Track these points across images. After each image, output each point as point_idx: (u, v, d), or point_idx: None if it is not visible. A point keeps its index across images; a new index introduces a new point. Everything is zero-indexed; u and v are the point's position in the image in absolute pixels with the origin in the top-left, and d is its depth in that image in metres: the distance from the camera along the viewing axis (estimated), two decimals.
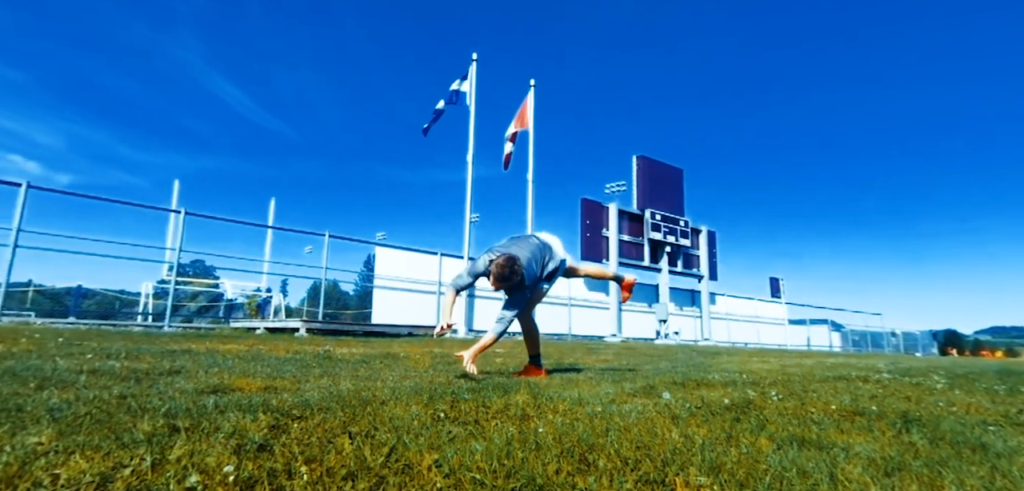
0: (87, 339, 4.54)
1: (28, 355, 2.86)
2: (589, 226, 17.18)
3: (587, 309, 16.58)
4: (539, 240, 3.44)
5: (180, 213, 9.64)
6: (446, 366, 4.09)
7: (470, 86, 14.80)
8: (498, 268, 3.08)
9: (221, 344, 4.99)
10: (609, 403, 2.39)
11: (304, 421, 1.57)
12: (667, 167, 20.00)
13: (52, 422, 1.22)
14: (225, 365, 3.15)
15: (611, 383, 3.24)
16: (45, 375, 2.12)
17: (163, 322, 9.68)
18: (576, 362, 5.04)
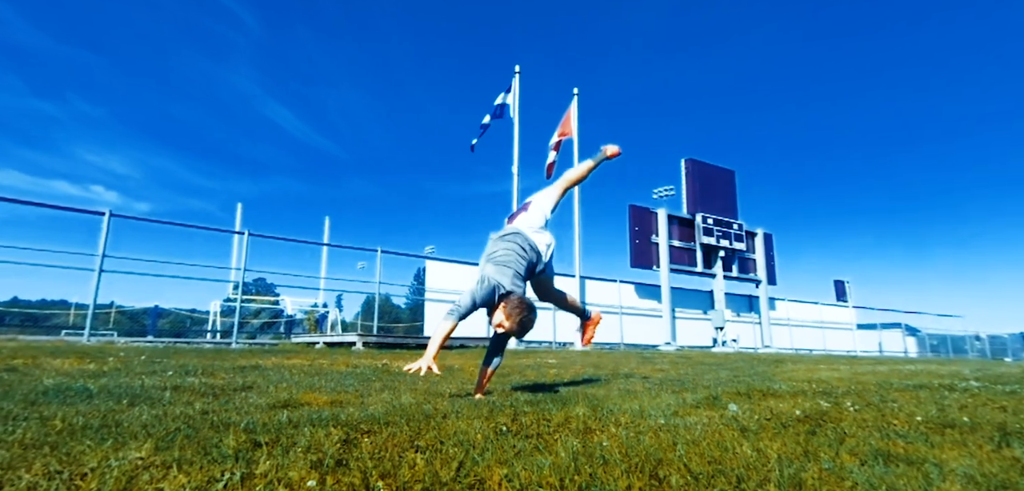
0: (166, 356, 4.84)
1: (117, 373, 3.08)
2: (637, 233, 16.87)
3: (639, 317, 16.25)
4: (527, 242, 2.90)
5: (243, 234, 10.16)
6: (500, 378, 4.11)
7: (514, 98, 14.91)
8: (519, 315, 2.66)
9: (285, 359, 5.21)
10: (672, 415, 2.33)
11: (373, 436, 1.62)
12: (718, 169, 19.41)
13: (148, 437, 1.31)
14: (292, 380, 3.29)
15: (672, 394, 3.15)
16: (135, 392, 2.28)
17: (231, 339, 10.22)
18: (632, 372, 4.94)
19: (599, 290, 15.59)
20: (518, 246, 2.86)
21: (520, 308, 2.67)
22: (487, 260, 2.83)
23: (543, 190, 3.17)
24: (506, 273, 2.75)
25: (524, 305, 2.69)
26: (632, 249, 16.59)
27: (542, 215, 3.04)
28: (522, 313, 2.66)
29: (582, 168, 3.31)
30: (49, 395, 2.03)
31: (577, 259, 14.52)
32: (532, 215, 3.01)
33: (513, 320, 2.65)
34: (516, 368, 4.94)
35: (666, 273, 16.67)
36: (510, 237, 2.89)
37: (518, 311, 2.66)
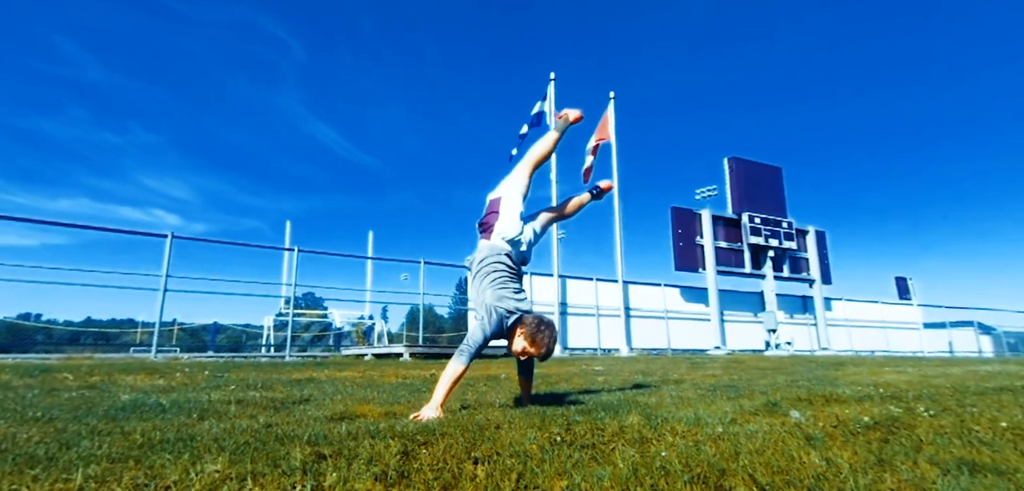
0: (226, 371, 5.07)
1: (185, 388, 3.25)
2: (681, 235, 16.50)
3: (685, 321, 15.87)
4: (507, 254, 2.74)
5: (293, 251, 10.54)
6: (548, 386, 4.09)
7: (550, 105, 14.93)
8: (545, 341, 2.54)
9: (337, 372, 5.35)
10: (730, 423, 2.26)
11: (430, 447, 1.64)
12: (763, 166, 18.77)
13: (221, 451, 1.37)
14: (346, 392, 3.37)
15: (727, 400, 3.05)
16: (203, 406, 2.39)
17: (284, 352, 10.61)
18: (682, 378, 4.81)
19: (643, 295, 15.31)
20: (503, 265, 2.68)
21: (540, 330, 2.55)
22: (482, 287, 2.64)
23: (507, 180, 2.91)
24: (506, 296, 2.59)
25: (542, 324, 2.57)
26: (676, 252, 16.24)
27: (516, 211, 2.81)
28: (544, 334, 2.55)
29: (546, 141, 3.01)
30: (127, 410, 2.16)
31: (619, 264, 14.33)
32: (505, 219, 2.79)
33: (539, 347, 2.54)
34: (563, 376, 4.91)
35: (713, 275, 16.21)
36: (490, 261, 2.68)
37: (541, 335, 2.54)
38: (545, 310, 12.94)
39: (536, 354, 2.57)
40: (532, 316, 2.61)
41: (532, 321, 2.57)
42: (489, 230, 2.77)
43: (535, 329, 2.54)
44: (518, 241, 2.77)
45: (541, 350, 2.55)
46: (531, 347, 2.54)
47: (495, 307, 2.55)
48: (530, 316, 2.60)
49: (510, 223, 2.77)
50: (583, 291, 14.25)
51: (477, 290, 2.65)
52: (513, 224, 2.77)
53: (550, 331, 2.57)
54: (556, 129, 3.05)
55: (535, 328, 2.54)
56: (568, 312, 13.70)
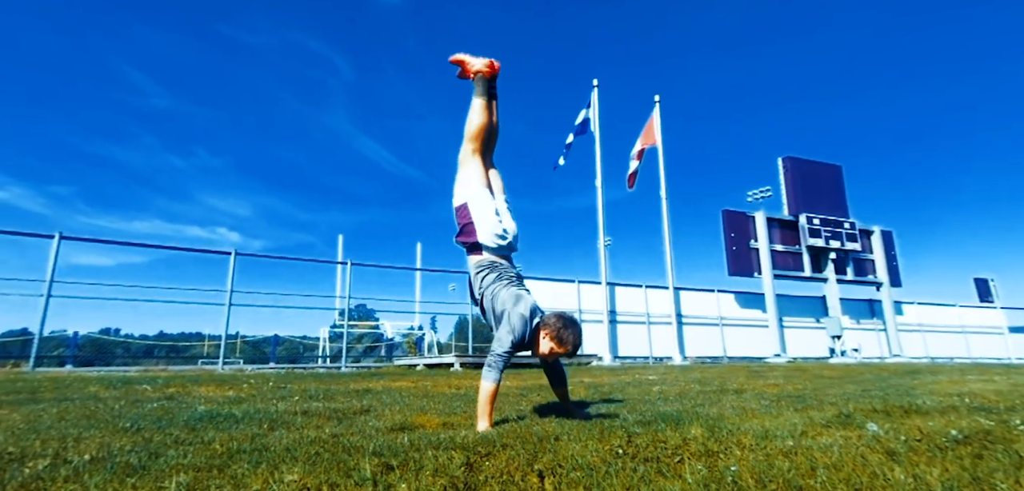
0: (288, 382, 5.28)
1: (253, 399, 3.40)
2: (734, 239, 15.94)
3: (741, 328, 15.29)
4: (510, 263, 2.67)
5: (346, 264, 10.89)
6: (601, 395, 4.03)
7: (593, 112, 14.84)
8: (571, 338, 2.46)
9: (392, 382, 5.47)
10: (800, 436, 2.15)
11: (493, 458, 1.64)
12: (821, 165, 17.92)
13: (295, 461, 1.43)
14: (402, 402, 3.44)
15: (794, 412, 2.92)
16: (272, 417, 2.50)
17: (340, 363, 10.96)
18: (741, 387, 4.63)
19: (695, 301, 14.88)
20: (502, 267, 2.60)
21: (565, 328, 2.47)
22: (493, 296, 2.53)
23: (460, 180, 2.67)
24: (523, 296, 2.52)
25: (565, 321, 2.50)
26: (729, 256, 15.70)
27: (486, 207, 2.62)
28: (570, 331, 2.47)
29: (473, 110, 2.72)
30: (204, 421, 2.28)
31: (669, 270, 14.00)
32: (483, 224, 2.59)
33: (567, 344, 2.46)
34: (616, 386, 4.82)
35: (769, 280, 15.56)
36: (488, 268, 2.58)
37: (567, 332, 2.46)
38: (593, 318, 12.79)
39: (564, 353, 2.50)
40: (553, 315, 2.54)
41: (554, 320, 2.49)
42: (472, 242, 2.60)
43: (560, 327, 2.46)
44: (505, 234, 2.61)
45: (569, 348, 2.47)
46: (559, 346, 2.46)
47: (517, 312, 2.43)
48: (551, 316, 2.53)
49: (487, 224, 2.58)
50: (632, 298, 13.99)
51: (489, 301, 2.53)
52: (491, 223, 2.58)
53: (574, 327, 2.50)
54: (475, 91, 2.75)
55: (560, 326, 2.46)
56: (617, 320, 13.48)
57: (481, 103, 2.72)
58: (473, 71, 2.79)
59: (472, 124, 2.69)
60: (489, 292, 2.52)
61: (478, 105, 2.71)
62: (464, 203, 2.61)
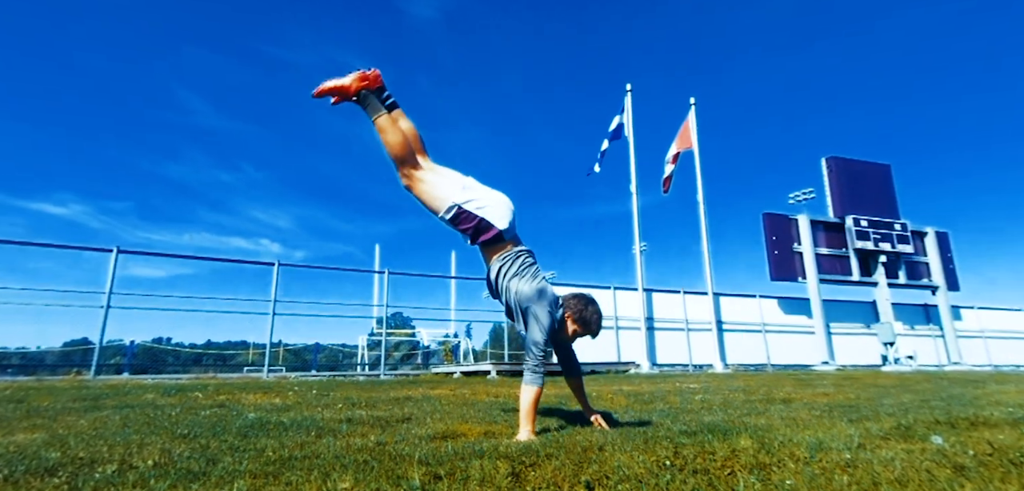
0: (331, 389, 5.40)
1: (299, 406, 3.49)
2: (776, 243, 15.44)
3: (785, 334, 14.76)
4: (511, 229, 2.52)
5: (384, 273, 11.07)
6: (643, 405, 3.96)
7: (627, 116, 14.70)
8: (597, 316, 2.47)
9: (431, 390, 5.52)
10: (858, 448, 2.05)
11: (538, 469, 1.63)
12: (869, 165, 17.18)
13: (344, 469, 1.45)
14: (443, 411, 3.47)
15: (849, 423, 2.79)
16: (318, 425, 2.56)
17: (379, 371, 11.14)
18: (789, 397, 4.46)
19: (736, 307, 14.47)
20: (523, 255, 2.50)
21: (587, 308, 2.47)
22: (519, 288, 2.41)
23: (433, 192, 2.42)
24: (544, 292, 2.43)
25: (585, 301, 2.48)
26: (771, 261, 15.21)
27: (486, 197, 2.45)
28: (592, 311, 2.48)
29: (381, 131, 2.40)
30: (255, 428, 2.35)
31: (708, 276, 13.68)
32: (492, 210, 2.43)
33: (591, 325, 2.47)
34: (658, 394, 4.73)
35: (815, 284, 15.00)
36: (512, 260, 2.46)
37: (589, 312, 2.46)
38: (630, 325, 12.61)
39: (588, 334, 2.48)
40: (572, 297, 2.52)
41: (575, 302, 2.47)
42: (495, 235, 2.42)
43: (581, 308, 2.44)
44: (507, 201, 2.49)
45: (593, 329, 2.47)
46: (583, 328, 2.45)
47: (543, 307, 2.35)
48: (570, 298, 2.51)
49: (495, 208, 2.42)
50: (670, 305, 13.72)
51: (514, 300, 2.41)
52: (495, 203, 2.43)
53: (594, 305, 2.49)
54: (371, 115, 2.42)
55: (581, 307, 2.45)
56: (655, 327, 13.24)
57: (384, 121, 2.39)
58: (351, 90, 2.43)
59: (391, 148, 2.35)
60: (513, 291, 2.41)
61: (382, 125, 2.38)
62: (456, 207, 2.38)
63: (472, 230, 2.40)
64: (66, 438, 2.01)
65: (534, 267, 2.48)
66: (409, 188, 2.40)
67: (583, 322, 2.46)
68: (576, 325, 2.46)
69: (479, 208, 2.38)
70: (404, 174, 2.37)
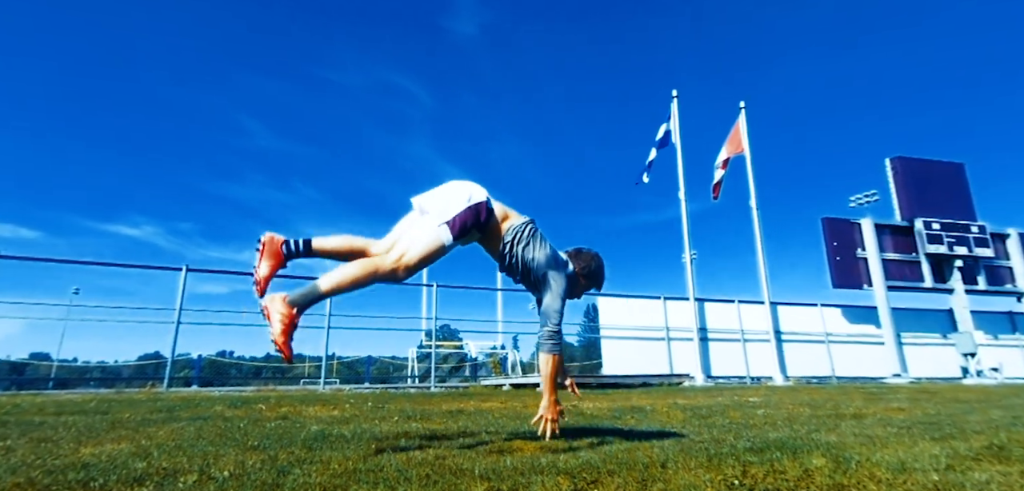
0: (385, 401, 5.51)
1: (356, 419, 3.58)
2: (837, 248, 14.67)
3: (851, 345, 13.96)
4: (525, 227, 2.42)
5: (432, 287, 11.25)
6: (700, 420, 3.82)
7: (674, 123, 14.42)
8: (601, 267, 2.55)
9: (482, 403, 5.54)
10: (946, 470, 1.91)
11: (599, 485, 1.60)
12: (939, 164, 16.11)
13: (408, 482, 1.47)
14: (497, 424, 3.46)
15: (932, 441, 2.60)
16: (377, 437, 2.61)
17: (429, 383, 11.30)
18: (860, 412, 4.20)
19: (795, 316, 13.82)
20: (531, 228, 2.41)
21: (592, 261, 2.50)
22: (532, 257, 2.33)
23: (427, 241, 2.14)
24: (556, 257, 2.44)
25: (588, 255, 2.53)
26: (832, 268, 14.46)
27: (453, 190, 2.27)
28: (596, 262, 2.52)
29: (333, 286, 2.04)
30: (318, 440, 2.43)
31: (764, 285, 13.14)
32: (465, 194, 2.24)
33: (600, 278, 2.53)
34: (716, 408, 4.56)
35: (882, 292, 14.14)
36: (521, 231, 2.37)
37: (595, 265, 2.51)
38: (682, 336, 12.26)
39: (595, 287, 2.52)
40: (574, 254, 2.51)
41: (580, 259, 2.48)
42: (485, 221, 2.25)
43: (589, 262, 2.46)
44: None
45: (601, 281, 2.50)
46: (591, 283, 2.48)
47: (559, 274, 2.36)
48: (574, 256, 2.51)
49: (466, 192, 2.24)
50: (724, 314, 13.26)
51: (533, 264, 2.32)
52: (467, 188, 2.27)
53: (599, 257, 2.52)
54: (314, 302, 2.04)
55: (589, 261, 2.46)
56: (708, 338, 12.82)
57: (327, 281, 2.02)
58: (275, 267, 2.10)
59: (358, 278, 2.01)
60: (530, 260, 2.32)
61: (333, 284, 2.01)
62: (448, 223, 2.13)
63: (474, 225, 2.20)
64: (149, 449, 2.14)
65: (540, 234, 2.42)
66: (407, 271, 2.06)
67: (592, 277, 2.49)
68: (585, 280, 2.51)
69: (459, 206, 2.16)
70: (391, 274, 2.02)
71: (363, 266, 1.99)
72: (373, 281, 2.00)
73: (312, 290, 1.96)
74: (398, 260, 2.04)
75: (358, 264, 2.00)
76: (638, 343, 12.30)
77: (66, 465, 1.80)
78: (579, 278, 2.51)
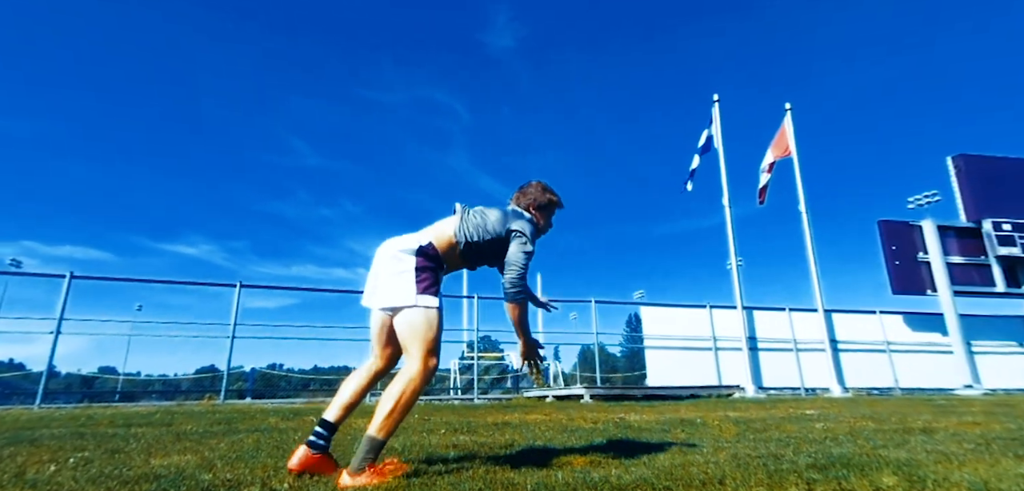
0: (429, 414, 5.57)
1: (405, 432, 3.63)
2: (895, 252, 13.91)
3: (914, 354, 13.16)
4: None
5: (473, 298, 11.32)
6: (755, 434, 3.67)
7: (715, 128, 14.10)
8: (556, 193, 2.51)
9: (526, 415, 5.51)
10: None
11: None
12: (1007, 161, 15.07)
13: None
14: (544, 437, 3.43)
15: (1014, 458, 2.42)
16: (427, 450, 2.64)
17: (471, 394, 11.34)
18: (929, 426, 3.94)
19: (853, 325, 13.15)
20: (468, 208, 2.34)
21: (544, 192, 2.44)
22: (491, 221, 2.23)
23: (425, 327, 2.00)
24: (507, 208, 2.40)
25: (539, 189, 2.45)
26: (892, 272, 13.72)
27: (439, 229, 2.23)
28: (545, 183, 2.47)
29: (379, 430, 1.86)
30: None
31: (817, 291, 12.60)
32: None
33: (558, 203, 2.49)
34: (771, 421, 4.37)
35: (948, 298, 13.29)
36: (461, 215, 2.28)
37: (550, 193, 2.45)
38: (730, 345, 11.87)
39: (559, 206, 2.48)
40: (521, 193, 2.45)
41: (529, 197, 2.41)
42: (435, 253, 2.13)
43: (539, 194, 2.40)
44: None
45: (556, 200, 2.45)
46: (547, 210, 2.44)
47: (516, 215, 2.28)
48: (522, 195, 2.44)
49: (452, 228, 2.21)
50: (774, 323, 12.77)
51: (489, 231, 2.20)
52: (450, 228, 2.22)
53: (540, 183, 2.46)
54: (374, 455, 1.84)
55: (539, 194, 2.41)
56: (758, 348, 12.36)
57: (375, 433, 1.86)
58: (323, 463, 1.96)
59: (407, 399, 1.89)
60: (487, 227, 2.21)
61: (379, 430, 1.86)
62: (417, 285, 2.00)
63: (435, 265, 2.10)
64: (212, 460, 2.23)
65: (478, 206, 2.33)
66: (430, 360, 1.95)
67: (545, 207, 2.42)
68: (539, 211, 2.42)
69: (409, 272, 2.01)
70: (423, 377, 1.92)
71: (400, 393, 1.86)
72: (416, 396, 1.90)
73: (371, 446, 1.81)
74: (418, 361, 1.91)
75: (393, 393, 1.86)
76: (684, 353, 11.98)
77: (139, 476, 1.90)
78: (533, 213, 2.40)
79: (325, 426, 1.98)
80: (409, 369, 1.90)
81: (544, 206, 2.44)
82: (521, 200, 2.43)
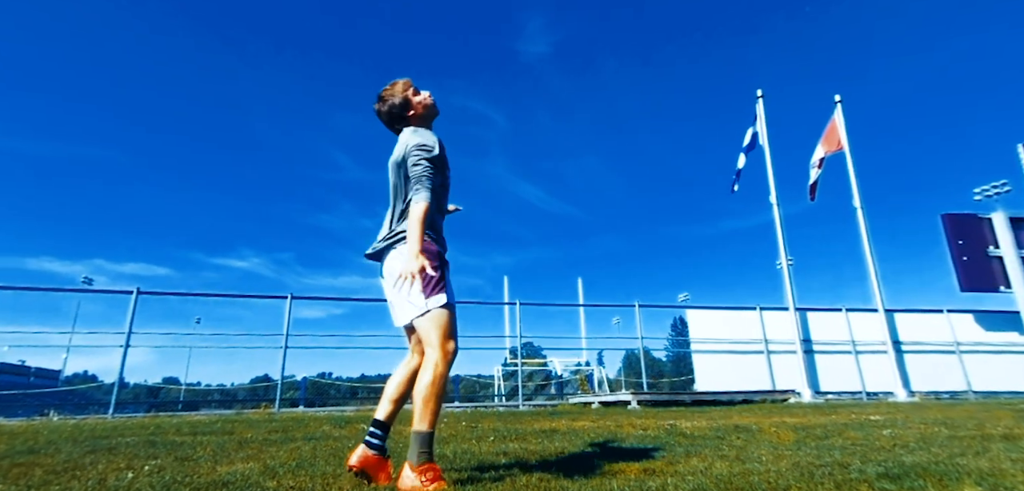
0: (476, 420, 5.59)
1: (455, 439, 3.66)
2: (963, 248, 13.02)
3: (988, 355, 12.28)
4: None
5: (515, 304, 11.33)
6: (817, 442, 3.50)
7: (760, 124, 13.66)
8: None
9: (572, 422, 5.46)
10: None
11: None
12: None
13: None
14: (594, 445, 3.39)
15: None
16: (478, 458, 2.65)
17: (516, 401, 11.34)
18: (1011, 432, 3.67)
19: (918, 325, 12.40)
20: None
21: (409, 87, 2.41)
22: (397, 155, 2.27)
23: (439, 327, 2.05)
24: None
25: (404, 86, 2.43)
26: (959, 269, 12.85)
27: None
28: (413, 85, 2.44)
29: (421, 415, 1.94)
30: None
31: (876, 291, 11.97)
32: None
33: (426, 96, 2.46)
34: (832, 428, 4.17)
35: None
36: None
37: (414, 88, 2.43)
38: (783, 348, 11.42)
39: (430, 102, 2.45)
40: (388, 92, 2.41)
41: (397, 96, 2.38)
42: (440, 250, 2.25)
43: (405, 89, 2.39)
44: None
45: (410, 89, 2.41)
46: (426, 99, 2.42)
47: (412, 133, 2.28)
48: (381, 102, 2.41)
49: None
50: (830, 324, 12.19)
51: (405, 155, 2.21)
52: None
53: (392, 85, 2.43)
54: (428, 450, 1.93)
55: (405, 90, 2.39)
56: (814, 350, 11.82)
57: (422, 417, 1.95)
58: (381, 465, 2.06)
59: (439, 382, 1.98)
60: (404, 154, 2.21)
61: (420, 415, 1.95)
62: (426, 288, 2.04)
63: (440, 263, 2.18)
64: (275, 468, 2.31)
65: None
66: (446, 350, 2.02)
67: (405, 103, 2.38)
68: (419, 107, 2.40)
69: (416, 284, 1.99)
70: (445, 366, 2.00)
71: (429, 383, 1.93)
72: (444, 383, 1.98)
73: (420, 439, 1.90)
74: (436, 353, 1.99)
75: (424, 385, 1.94)
76: (734, 357, 11.60)
77: (208, 483, 1.99)
78: (419, 109, 2.42)
79: (378, 425, 2.09)
80: (431, 358, 1.99)
81: (421, 103, 2.43)
82: (398, 124, 2.42)
